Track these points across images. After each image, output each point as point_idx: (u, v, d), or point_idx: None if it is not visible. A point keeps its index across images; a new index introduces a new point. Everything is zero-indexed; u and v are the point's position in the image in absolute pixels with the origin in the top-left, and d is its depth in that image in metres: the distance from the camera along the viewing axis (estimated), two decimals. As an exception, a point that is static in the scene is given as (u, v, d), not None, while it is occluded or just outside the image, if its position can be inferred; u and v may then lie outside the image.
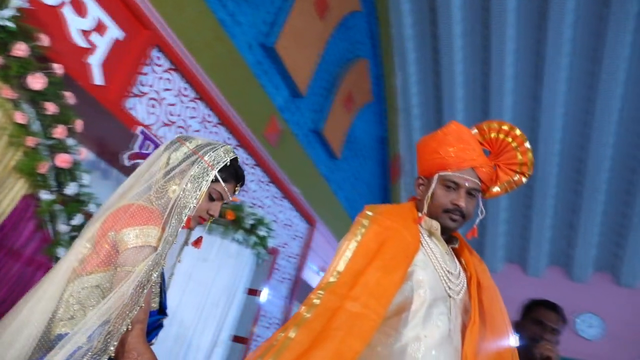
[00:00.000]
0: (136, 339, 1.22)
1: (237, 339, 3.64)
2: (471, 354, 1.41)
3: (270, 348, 1.22)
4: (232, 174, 1.47)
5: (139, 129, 2.50)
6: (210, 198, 1.45)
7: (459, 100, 6.13)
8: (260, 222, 3.23)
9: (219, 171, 1.43)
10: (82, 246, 1.33)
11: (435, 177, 1.56)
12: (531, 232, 6.67)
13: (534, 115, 5.92)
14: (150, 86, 2.70)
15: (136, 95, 2.61)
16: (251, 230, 3.19)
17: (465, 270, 1.60)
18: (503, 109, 5.91)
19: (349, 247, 1.41)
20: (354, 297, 1.31)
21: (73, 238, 2.00)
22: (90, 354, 1.14)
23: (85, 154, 2.09)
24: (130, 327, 1.20)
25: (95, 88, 2.29)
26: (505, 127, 1.60)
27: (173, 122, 2.88)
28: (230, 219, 3.03)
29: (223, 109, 3.28)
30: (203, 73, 3.08)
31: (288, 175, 4.20)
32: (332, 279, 1.34)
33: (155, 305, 1.39)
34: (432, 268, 1.47)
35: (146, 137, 2.54)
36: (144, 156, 2.53)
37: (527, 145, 1.58)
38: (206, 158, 1.42)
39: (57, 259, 1.95)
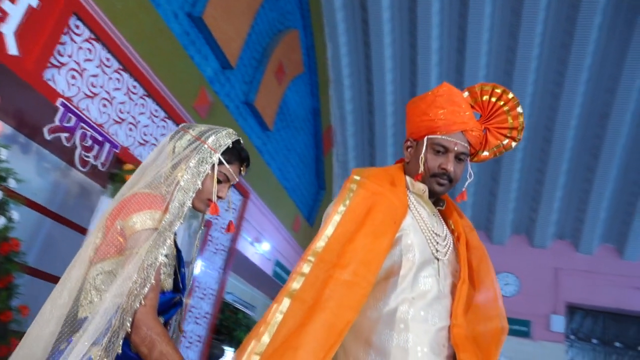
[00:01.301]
0: (145, 315, 1.27)
1: (171, 310, 3.67)
2: (461, 312, 1.41)
3: (264, 324, 1.21)
4: (236, 155, 1.53)
5: (60, 101, 2.42)
6: (217, 180, 1.50)
7: (388, 71, 6.29)
8: (191, 194, 3.23)
9: (223, 154, 1.50)
10: (95, 236, 1.42)
11: (424, 140, 1.52)
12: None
13: (458, 87, 6.18)
14: (70, 56, 2.60)
15: (55, 66, 2.50)
16: (182, 203, 3.19)
17: (453, 231, 1.59)
18: (429, 80, 6.14)
19: (338, 211, 1.39)
20: (343, 265, 1.30)
21: (-8, 215, 1.95)
22: (110, 332, 1.22)
23: (2, 127, 2.01)
24: (142, 303, 1.27)
25: (10, 58, 2.18)
26: (497, 90, 1.56)
27: (96, 94, 2.80)
28: (160, 192, 3.01)
29: (150, 81, 3.21)
30: (127, 43, 2.99)
31: (220, 147, 4.19)
32: (321, 243, 1.33)
33: (168, 286, 1.44)
34: (420, 231, 1.46)
35: (67, 110, 2.46)
36: (65, 129, 2.45)
37: (519, 109, 1.55)
38: (209, 142, 1.49)
39: (-24, 236, 1.90)
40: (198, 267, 3.90)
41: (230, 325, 5.47)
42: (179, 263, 1.52)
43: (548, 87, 5.95)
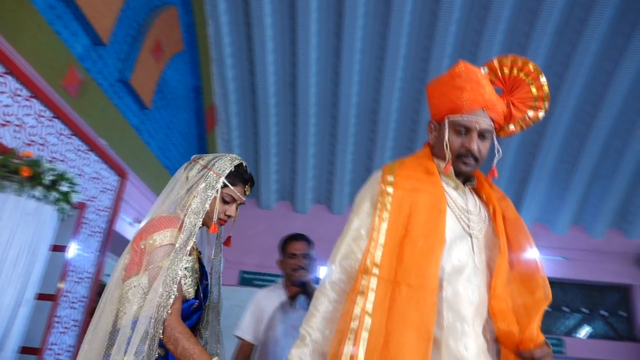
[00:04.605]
0: (169, 318, 1.50)
1: (43, 296, 3.56)
2: (500, 285, 1.38)
3: (347, 340, 1.24)
4: (239, 177, 1.77)
5: None
6: (225, 201, 1.74)
7: (269, 52, 6.41)
8: (61, 177, 3.14)
9: (227, 177, 1.73)
10: (124, 258, 1.66)
11: (446, 121, 1.50)
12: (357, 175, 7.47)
13: (336, 70, 6.51)
14: None
15: None
16: (51, 186, 3.09)
17: (487, 205, 1.57)
18: (309, 62, 6.37)
19: (383, 218, 1.39)
20: (406, 272, 1.30)
21: None
22: (148, 338, 1.45)
23: None
24: (169, 312, 1.50)
25: None
26: (518, 63, 1.52)
27: (-53, 72, 2.61)
28: (25, 176, 2.90)
29: (10, 57, 3.03)
30: (-18, 17, 2.80)
31: (93, 127, 4.06)
32: (379, 252, 1.34)
33: (189, 295, 1.66)
34: (449, 209, 1.45)
35: None
36: None
37: (543, 79, 1.51)
38: (214, 169, 1.73)
39: None
40: (72, 251, 3.80)
41: (110, 307, 5.37)
42: (202, 276, 1.77)
43: (416, 74, 6.48)
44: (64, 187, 3.16)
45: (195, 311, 1.70)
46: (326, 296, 1.42)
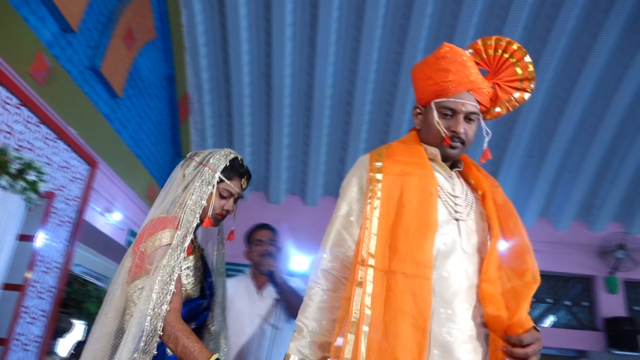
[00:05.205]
0: (169, 316, 1.49)
1: (9, 286, 3.51)
2: (492, 268, 1.36)
3: (349, 333, 1.21)
4: (235, 171, 1.77)
5: None
6: (222, 197, 1.75)
7: (244, 42, 6.37)
8: (28, 166, 3.09)
9: (222, 172, 1.73)
10: (127, 261, 1.66)
11: (431, 105, 1.48)
12: (309, 165, 7.50)
13: (311, 61, 6.52)
14: None
15: None
16: (18, 175, 3.04)
17: (475, 189, 1.55)
18: (284, 53, 6.36)
19: (375, 206, 1.35)
20: (401, 260, 1.28)
21: None
22: (145, 336, 1.44)
23: None
24: (168, 309, 1.49)
25: None
26: (502, 43, 1.51)
27: None
28: (-9, 165, 2.85)
29: (-26, 43, 2.97)
30: (-56, 1, 2.73)
31: (62, 115, 3.99)
32: (373, 242, 1.31)
33: (195, 294, 1.67)
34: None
35: None
36: None
37: (528, 59, 1.51)
38: (209, 165, 1.73)
39: None
40: (40, 241, 3.76)
41: (79, 297, 5.32)
42: (206, 273, 1.77)
43: (390, 66, 6.53)
44: (31, 176, 3.12)
45: (203, 310, 1.70)
46: (319, 285, 1.41)
